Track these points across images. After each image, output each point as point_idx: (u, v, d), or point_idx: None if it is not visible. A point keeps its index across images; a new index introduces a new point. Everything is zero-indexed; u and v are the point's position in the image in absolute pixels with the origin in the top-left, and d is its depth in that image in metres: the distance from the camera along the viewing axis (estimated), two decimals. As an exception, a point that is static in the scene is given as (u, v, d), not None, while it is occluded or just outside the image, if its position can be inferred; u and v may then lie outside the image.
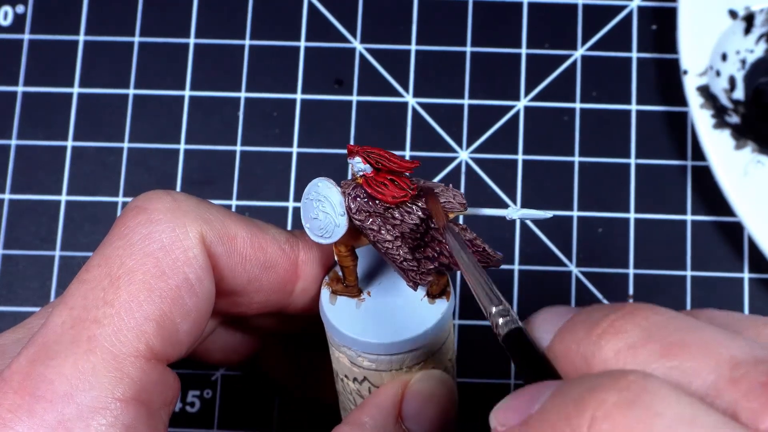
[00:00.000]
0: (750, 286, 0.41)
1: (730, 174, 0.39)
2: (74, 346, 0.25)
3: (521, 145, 0.43)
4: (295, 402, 0.40)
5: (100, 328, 0.26)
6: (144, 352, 0.26)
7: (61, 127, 0.43)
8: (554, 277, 0.41)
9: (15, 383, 0.25)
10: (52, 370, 0.25)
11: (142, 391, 0.26)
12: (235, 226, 0.28)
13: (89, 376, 0.25)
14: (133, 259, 0.26)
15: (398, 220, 0.27)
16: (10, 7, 0.44)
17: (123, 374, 0.25)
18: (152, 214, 0.27)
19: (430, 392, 0.30)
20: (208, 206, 0.28)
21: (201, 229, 0.27)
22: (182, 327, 0.27)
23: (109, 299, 0.26)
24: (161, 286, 0.26)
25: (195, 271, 0.27)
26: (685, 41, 0.41)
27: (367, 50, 0.44)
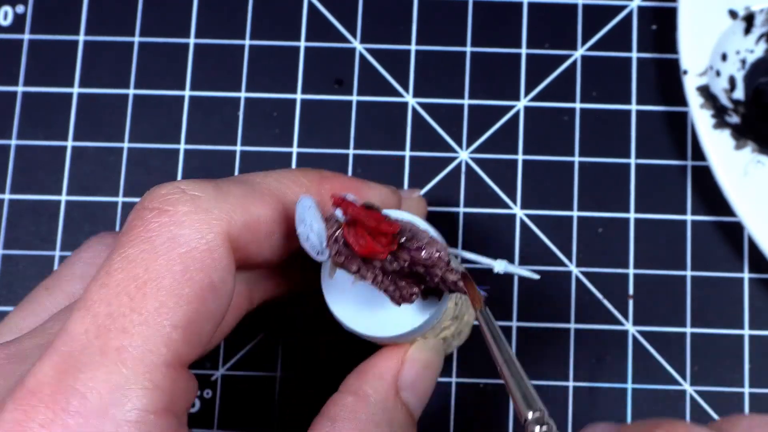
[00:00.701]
0: (750, 286, 0.41)
1: (730, 174, 0.39)
2: (103, 357, 0.25)
3: (521, 145, 0.43)
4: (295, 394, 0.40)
5: (129, 338, 0.25)
6: (172, 361, 0.25)
7: (61, 127, 0.43)
8: (554, 277, 0.41)
9: (45, 396, 0.24)
10: (83, 383, 0.24)
11: (171, 400, 0.25)
12: (256, 207, 0.28)
13: (122, 389, 0.24)
14: (159, 263, 0.26)
15: (378, 265, 0.27)
16: (10, 7, 0.44)
17: (154, 386, 0.25)
18: (174, 216, 0.26)
19: (427, 363, 0.30)
20: (226, 194, 0.27)
21: (225, 226, 0.27)
22: (205, 329, 0.26)
23: (136, 307, 0.25)
24: (188, 292, 0.26)
25: (219, 273, 0.26)
26: (685, 41, 0.41)
27: (367, 50, 0.44)
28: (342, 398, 0.29)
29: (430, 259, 0.26)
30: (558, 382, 0.40)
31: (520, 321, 0.41)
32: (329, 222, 0.27)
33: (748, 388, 0.40)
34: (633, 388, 0.40)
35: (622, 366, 0.40)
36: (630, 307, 0.41)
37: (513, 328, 0.41)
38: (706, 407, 0.40)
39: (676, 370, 0.40)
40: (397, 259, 0.27)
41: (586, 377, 0.40)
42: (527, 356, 0.40)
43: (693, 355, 0.40)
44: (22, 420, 0.24)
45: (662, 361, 0.40)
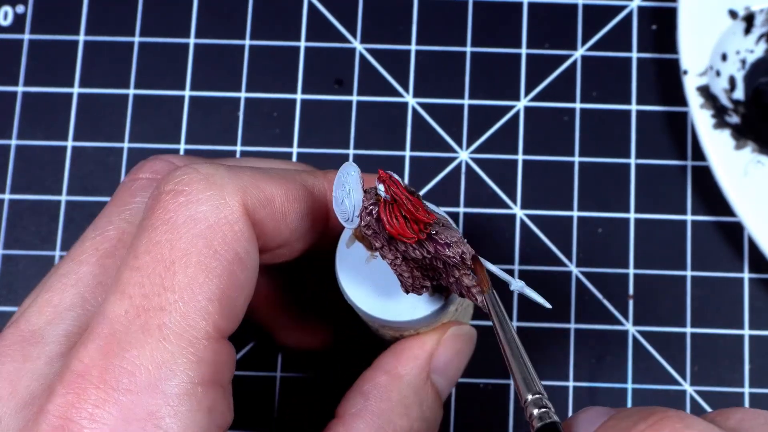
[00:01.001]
0: (750, 286, 0.41)
1: (730, 174, 0.39)
2: (146, 335, 0.25)
3: (521, 145, 0.43)
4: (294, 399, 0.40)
5: (167, 315, 0.26)
6: (212, 333, 0.26)
7: (61, 127, 0.43)
8: (554, 277, 0.41)
9: (94, 378, 0.25)
10: (130, 362, 0.25)
11: (216, 371, 0.26)
12: (269, 187, 0.28)
13: (169, 364, 0.25)
14: (183, 241, 0.26)
15: (402, 248, 0.27)
16: (10, 7, 0.44)
17: (199, 358, 0.25)
18: (191, 195, 0.27)
19: (460, 348, 0.31)
20: (239, 171, 0.28)
21: (241, 200, 0.27)
22: (239, 301, 0.27)
23: (168, 285, 0.26)
24: (215, 265, 0.26)
25: (243, 245, 0.27)
26: (685, 41, 0.41)
27: (367, 50, 0.44)
28: (376, 376, 0.30)
29: (453, 258, 0.26)
30: (558, 382, 0.40)
31: (520, 321, 0.41)
32: (368, 194, 0.27)
33: (748, 388, 0.40)
34: (633, 388, 0.40)
35: (622, 366, 0.40)
36: (630, 307, 0.41)
37: (513, 328, 0.41)
38: (706, 407, 0.40)
39: (676, 370, 0.40)
40: (421, 249, 0.27)
41: (586, 377, 0.40)
42: (527, 356, 0.40)
43: (693, 355, 0.40)
44: (75, 402, 0.25)
45: (662, 361, 0.40)
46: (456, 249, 0.26)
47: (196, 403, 0.25)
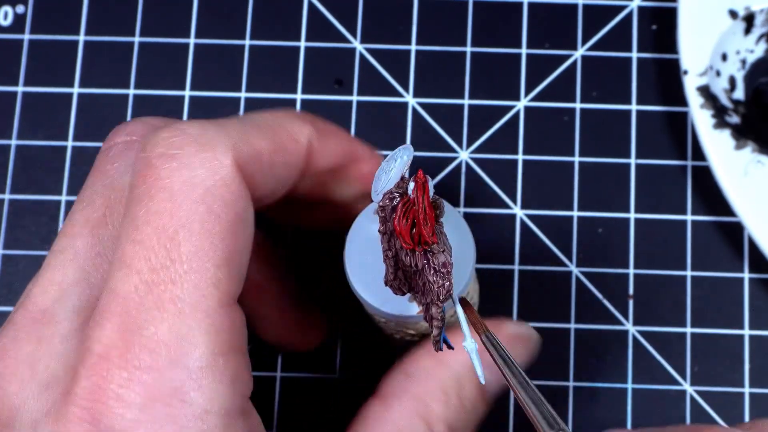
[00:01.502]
0: (750, 286, 0.41)
1: (730, 174, 0.39)
2: (161, 311, 0.25)
3: (521, 145, 0.43)
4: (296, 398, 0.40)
5: (179, 287, 0.25)
6: (225, 300, 0.26)
7: (61, 127, 0.43)
8: (554, 277, 0.41)
9: (115, 359, 0.25)
10: (150, 338, 0.25)
11: (234, 338, 0.26)
12: (257, 140, 0.28)
13: (188, 337, 0.25)
14: (184, 209, 0.26)
15: (397, 246, 0.27)
16: (10, 7, 0.44)
17: (216, 329, 0.25)
18: (184, 158, 0.26)
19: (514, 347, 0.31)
20: (227, 127, 0.28)
21: (233, 158, 0.27)
22: (243, 261, 0.27)
23: (175, 256, 0.25)
24: (219, 230, 0.26)
25: (241, 204, 0.27)
26: (685, 41, 0.41)
27: (367, 50, 0.44)
28: (423, 360, 0.30)
29: (433, 284, 0.27)
30: (558, 382, 0.40)
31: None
32: (402, 182, 0.27)
33: (748, 388, 0.40)
34: (633, 388, 0.40)
35: (622, 366, 0.40)
36: (630, 307, 0.41)
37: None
38: (706, 407, 0.40)
39: (676, 370, 0.40)
40: (412, 257, 0.27)
41: (586, 377, 0.40)
42: (527, 356, 0.40)
43: (693, 355, 0.40)
44: (101, 384, 0.25)
45: (662, 361, 0.40)
46: (440, 279, 0.27)
47: (218, 374, 0.25)
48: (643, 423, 0.40)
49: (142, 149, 0.27)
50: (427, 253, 0.27)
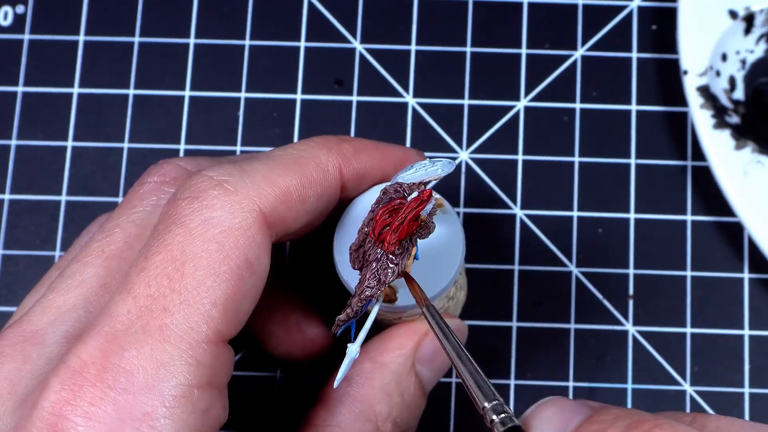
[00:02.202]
0: (750, 286, 0.41)
1: (730, 174, 0.39)
2: (146, 336, 0.25)
3: (521, 145, 0.43)
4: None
5: (170, 316, 0.26)
6: (213, 338, 0.26)
7: (61, 127, 0.43)
8: (554, 277, 0.41)
9: (91, 375, 0.25)
10: (129, 361, 0.25)
11: (213, 375, 0.26)
12: (284, 179, 0.28)
13: (168, 366, 0.25)
14: (195, 244, 0.26)
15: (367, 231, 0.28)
16: (10, 7, 0.44)
17: (197, 362, 0.26)
18: (206, 201, 0.27)
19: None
20: (252, 172, 0.28)
21: (256, 203, 0.27)
22: (243, 307, 0.27)
23: (176, 287, 0.26)
24: (225, 270, 0.26)
25: (254, 251, 0.27)
26: (685, 41, 0.41)
27: (367, 50, 0.44)
28: (361, 362, 0.31)
29: (366, 280, 0.27)
30: (558, 382, 0.40)
31: (520, 321, 0.41)
32: (414, 185, 0.28)
33: (748, 388, 0.40)
34: (633, 388, 0.40)
35: (622, 366, 0.40)
36: (630, 307, 0.41)
37: (513, 328, 0.41)
38: (706, 407, 0.40)
39: (676, 370, 0.40)
40: (371, 247, 0.28)
41: (586, 377, 0.40)
42: (527, 356, 0.40)
43: (693, 355, 0.40)
44: (71, 399, 0.25)
45: (662, 361, 0.40)
46: (374, 282, 0.27)
47: (191, 405, 0.25)
48: (643, 423, 0.40)
49: (174, 193, 0.28)
50: (382, 256, 0.27)
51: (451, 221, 0.31)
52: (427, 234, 0.28)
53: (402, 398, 0.31)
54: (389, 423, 0.30)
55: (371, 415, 0.30)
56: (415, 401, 0.31)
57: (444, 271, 0.30)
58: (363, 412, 0.30)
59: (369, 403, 0.30)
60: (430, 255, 0.30)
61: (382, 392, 0.30)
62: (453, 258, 0.30)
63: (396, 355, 0.31)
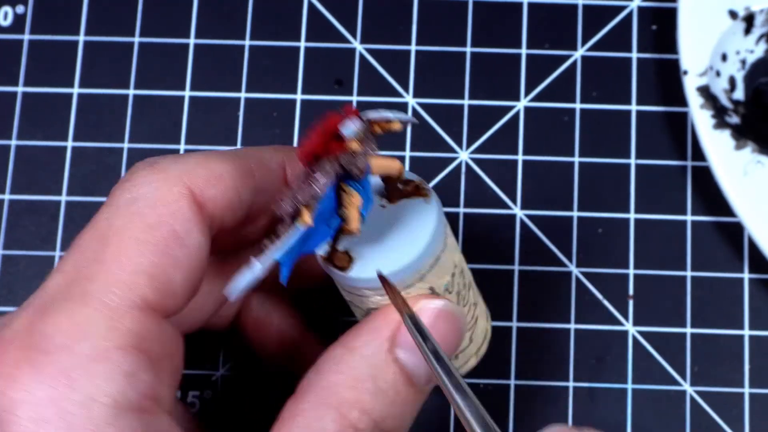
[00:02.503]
0: (750, 286, 0.41)
1: (730, 174, 0.39)
2: (68, 302, 0.26)
3: (521, 145, 0.43)
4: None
5: (92, 283, 0.26)
6: (138, 303, 0.26)
7: (61, 127, 0.43)
8: (554, 277, 0.41)
9: (17, 342, 0.26)
10: (50, 325, 0.26)
11: (140, 340, 0.26)
12: (218, 165, 0.29)
13: (85, 327, 0.26)
14: (120, 219, 0.27)
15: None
16: (10, 7, 0.44)
17: (119, 324, 0.26)
18: (134, 180, 0.28)
19: (434, 325, 0.29)
20: (187, 156, 0.29)
21: (184, 181, 0.28)
22: (176, 278, 0.27)
23: (99, 257, 0.27)
24: (149, 239, 0.27)
25: (181, 224, 0.28)
26: (685, 41, 0.41)
27: (367, 50, 0.44)
28: (332, 350, 0.29)
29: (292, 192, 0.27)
30: (558, 382, 0.40)
31: (520, 321, 0.41)
32: (363, 122, 0.28)
33: (748, 389, 0.40)
34: (633, 388, 0.40)
35: (622, 366, 0.40)
36: (630, 307, 0.41)
37: (513, 328, 0.41)
38: (706, 407, 0.40)
39: (676, 370, 0.40)
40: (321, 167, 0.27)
41: (586, 377, 0.40)
42: (527, 357, 0.40)
43: (693, 355, 0.40)
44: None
45: (662, 361, 0.40)
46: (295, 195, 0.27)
47: (111, 364, 0.26)
48: (642, 423, 0.40)
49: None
50: (301, 174, 0.27)
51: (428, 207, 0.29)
52: (357, 169, 0.27)
53: (376, 385, 0.28)
54: (356, 410, 0.28)
55: (334, 401, 0.28)
56: (397, 392, 0.29)
57: (409, 247, 0.28)
58: (326, 398, 0.28)
59: (334, 389, 0.28)
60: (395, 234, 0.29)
61: (349, 378, 0.28)
62: (421, 235, 0.29)
63: (368, 339, 0.29)
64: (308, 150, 0.27)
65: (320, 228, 0.28)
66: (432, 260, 0.29)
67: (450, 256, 0.30)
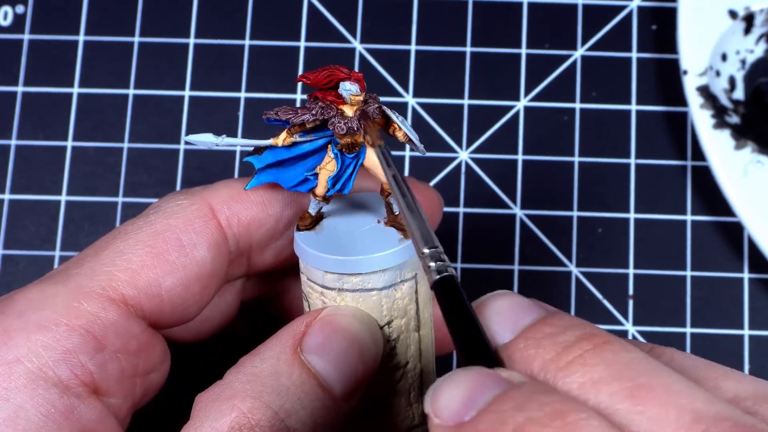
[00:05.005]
0: (750, 286, 0.41)
1: (730, 174, 0.39)
2: (50, 278, 0.28)
3: (521, 145, 0.43)
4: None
5: (78, 268, 0.28)
6: (110, 293, 0.27)
7: (61, 127, 0.43)
8: (554, 277, 0.41)
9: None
10: (21, 294, 0.27)
11: (96, 325, 0.27)
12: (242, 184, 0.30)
13: (47, 299, 0.27)
14: (133, 226, 0.28)
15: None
16: (10, 7, 0.44)
17: (80, 305, 0.27)
18: (163, 199, 0.29)
19: (340, 327, 0.29)
20: (213, 183, 0.30)
21: (205, 200, 0.29)
22: (165, 282, 0.28)
23: (99, 251, 0.28)
24: (148, 242, 0.28)
25: (188, 235, 0.28)
26: (685, 41, 0.41)
27: (367, 50, 0.44)
28: (245, 358, 0.29)
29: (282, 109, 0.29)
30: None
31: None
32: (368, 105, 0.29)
33: (748, 388, 0.40)
34: (633, 388, 0.40)
35: (622, 366, 0.40)
36: (630, 307, 0.41)
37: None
38: (706, 407, 0.40)
39: (676, 370, 0.40)
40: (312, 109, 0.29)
41: (586, 377, 0.40)
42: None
43: (693, 355, 0.40)
44: None
45: (662, 361, 0.40)
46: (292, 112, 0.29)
47: (52, 337, 0.26)
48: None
49: None
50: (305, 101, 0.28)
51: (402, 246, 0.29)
52: (340, 123, 0.28)
53: (278, 382, 0.27)
54: (249, 399, 0.27)
55: (228, 394, 0.27)
56: (304, 391, 0.28)
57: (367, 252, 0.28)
58: (220, 393, 0.27)
59: (229, 384, 0.28)
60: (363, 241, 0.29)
61: (246, 374, 0.28)
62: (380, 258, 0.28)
63: (272, 343, 0.28)
64: (308, 84, 0.29)
65: (297, 169, 0.29)
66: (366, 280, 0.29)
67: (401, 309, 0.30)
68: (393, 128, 0.29)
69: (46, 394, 0.26)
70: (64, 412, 0.26)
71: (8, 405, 0.25)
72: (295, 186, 0.29)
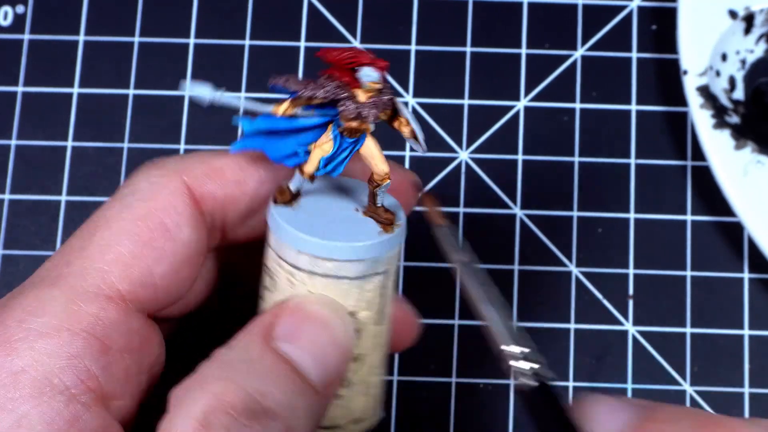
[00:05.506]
0: (750, 286, 0.41)
1: (730, 174, 0.39)
2: (42, 282, 0.27)
3: (521, 145, 0.43)
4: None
5: (69, 267, 0.27)
6: (107, 291, 0.27)
7: (61, 127, 0.43)
8: (554, 277, 0.41)
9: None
10: (16, 301, 0.27)
11: (97, 326, 0.26)
12: (218, 160, 0.29)
13: (45, 305, 0.26)
14: (112, 211, 0.28)
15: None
16: (10, 7, 0.44)
17: (79, 308, 0.26)
18: (135, 177, 0.28)
19: (312, 315, 0.28)
20: (190, 155, 0.29)
21: (181, 176, 0.28)
22: (156, 270, 0.27)
23: (85, 245, 0.27)
24: (133, 230, 0.27)
25: (172, 217, 0.28)
26: (685, 41, 0.41)
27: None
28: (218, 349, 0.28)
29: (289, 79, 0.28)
30: (558, 383, 0.40)
31: (520, 321, 0.41)
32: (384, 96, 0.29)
33: (748, 388, 0.40)
34: (633, 388, 0.40)
35: (622, 366, 0.40)
36: (630, 307, 0.41)
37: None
38: (707, 407, 0.40)
39: (676, 370, 0.40)
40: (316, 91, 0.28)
41: (586, 377, 0.40)
42: (527, 356, 0.40)
43: (693, 355, 0.40)
44: None
45: (662, 361, 0.40)
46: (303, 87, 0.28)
47: (56, 344, 0.26)
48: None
49: None
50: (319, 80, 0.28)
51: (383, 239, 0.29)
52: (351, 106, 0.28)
53: (251, 367, 0.27)
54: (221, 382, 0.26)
55: (200, 382, 0.26)
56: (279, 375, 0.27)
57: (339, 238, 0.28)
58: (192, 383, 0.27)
59: (200, 373, 0.27)
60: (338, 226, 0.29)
61: (218, 363, 0.27)
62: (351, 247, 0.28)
63: (243, 335, 0.28)
64: (328, 60, 0.28)
65: (288, 141, 0.28)
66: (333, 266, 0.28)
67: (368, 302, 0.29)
68: (399, 122, 0.29)
69: (52, 402, 0.25)
70: (69, 420, 0.25)
71: (12, 414, 0.25)
72: (282, 159, 0.28)
